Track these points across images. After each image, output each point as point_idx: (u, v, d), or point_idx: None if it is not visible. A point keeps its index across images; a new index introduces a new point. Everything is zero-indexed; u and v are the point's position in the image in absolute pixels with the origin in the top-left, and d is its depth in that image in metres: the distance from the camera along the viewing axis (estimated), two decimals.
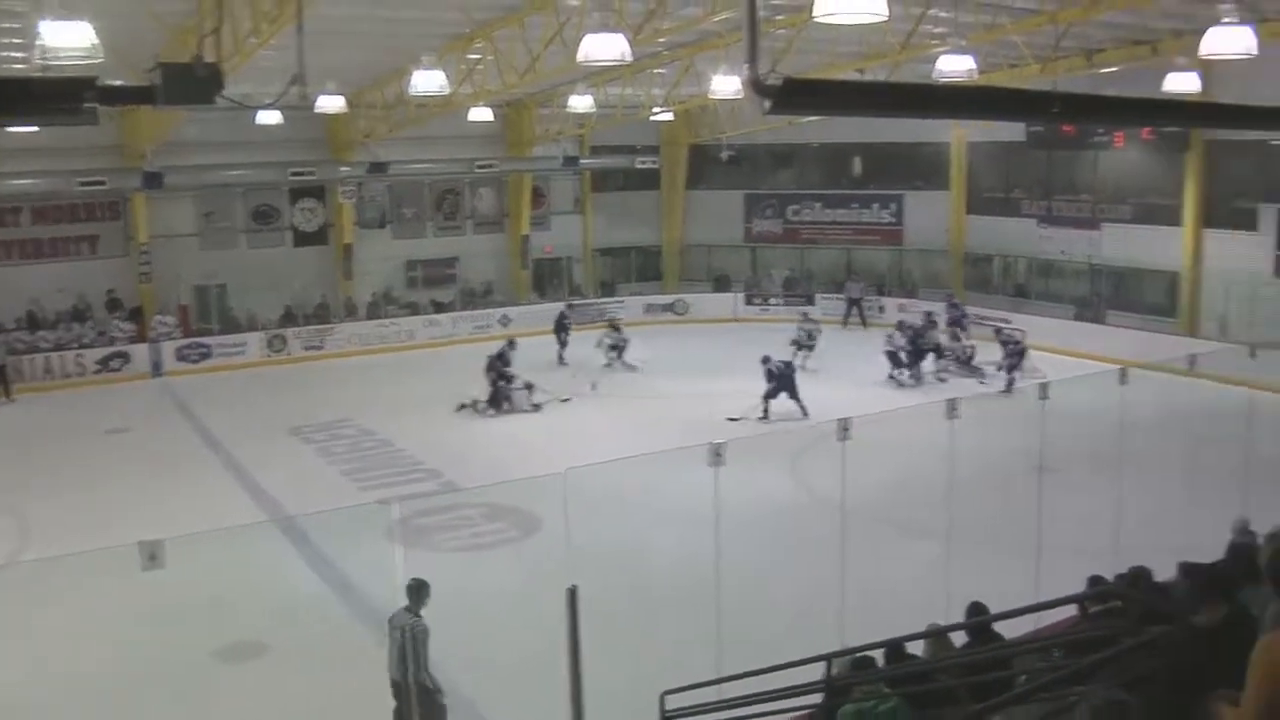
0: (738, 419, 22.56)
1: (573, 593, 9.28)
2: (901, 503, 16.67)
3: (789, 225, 38.63)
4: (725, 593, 10.60)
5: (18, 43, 18.70)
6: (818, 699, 7.97)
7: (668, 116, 33.79)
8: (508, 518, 17.30)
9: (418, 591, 10.26)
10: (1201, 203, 29.36)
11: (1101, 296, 31.88)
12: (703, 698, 8.75)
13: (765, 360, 23.60)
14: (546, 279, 37.97)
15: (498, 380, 24.76)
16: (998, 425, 17.99)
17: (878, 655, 8.10)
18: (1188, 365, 18.84)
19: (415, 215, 35.84)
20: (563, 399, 25.26)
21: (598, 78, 27.03)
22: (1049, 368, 24.60)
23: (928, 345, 27.68)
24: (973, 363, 27.40)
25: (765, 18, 19.38)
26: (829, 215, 38.05)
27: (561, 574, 9.39)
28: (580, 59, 16.10)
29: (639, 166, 37.02)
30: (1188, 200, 29.53)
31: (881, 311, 34.38)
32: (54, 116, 9.78)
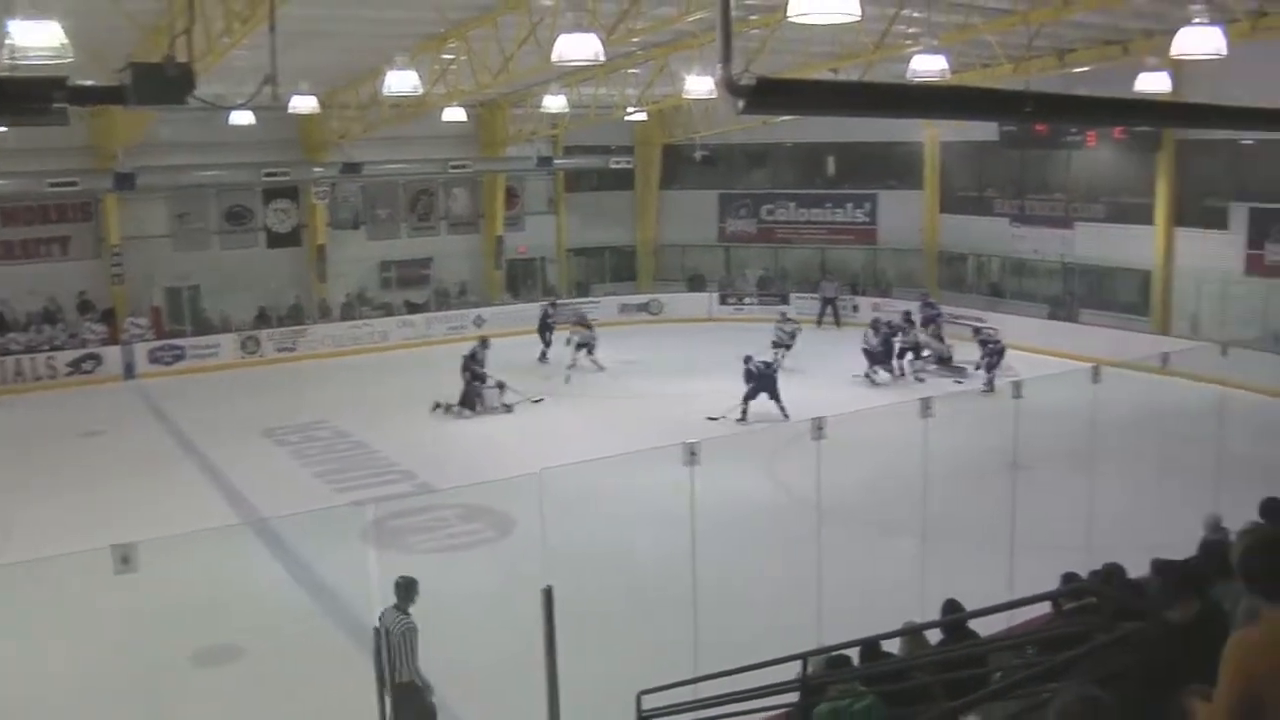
0: (717, 418, 22.59)
1: (548, 593, 9.26)
2: (877, 501, 16.71)
3: (763, 225, 38.69)
4: (701, 592, 10.61)
5: None
6: (794, 698, 7.98)
7: (641, 116, 33.72)
8: (483, 519, 17.28)
9: (406, 590, 10.26)
10: (1173, 202, 29.54)
11: (1074, 295, 32.03)
12: (679, 697, 8.75)
13: (747, 360, 23.58)
14: (520, 279, 37.92)
15: (471, 380, 24.73)
16: (972, 424, 18.08)
17: (853, 654, 8.12)
18: (1160, 363, 19.01)
19: (389, 216, 35.74)
20: (535, 400, 25.24)
21: (571, 78, 26.99)
22: (1023, 366, 24.75)
23: (907, 344, 27.79)
24: (953, 362, 27.50)
25: (739, 18, 19.41)
26: (803, 215, 38.12)
27: (537, 575, 9.37)
28: (554, 59, 16.07)
29: (613, 166, 36.92)
30: (1159, 199, 29.71)
31: (856, 310, 34.46)
32: (24, 117, 9.68)
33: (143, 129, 27.36)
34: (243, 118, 25.98)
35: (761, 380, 23.22)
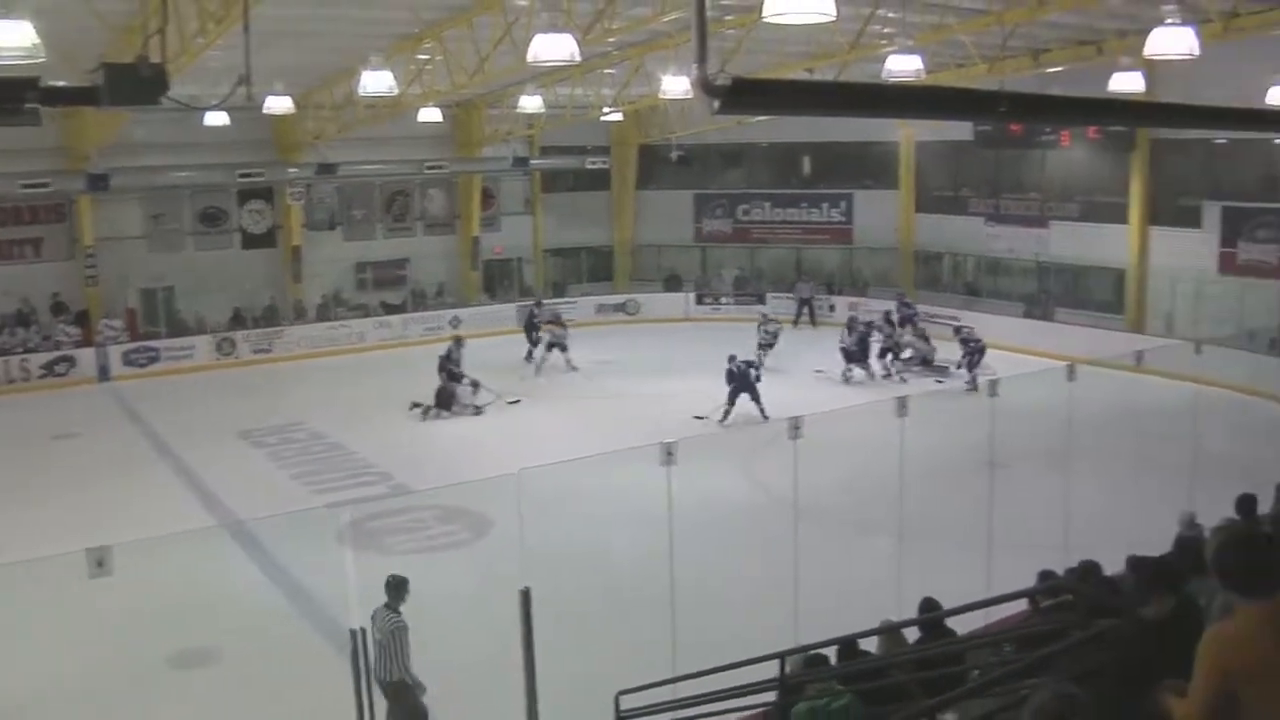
0: (703, 417, 22.58)
1: (526, 594, 9.26)
2: (854, 500, 16.74)
3: (739, 225, 38.72)
4: (679, 592, 10.60)
5: None
6: (772, 697, 7.99)
7: (617, 117, 33.78)
8: (460, 520, 17.24)
9: (397, 589, 10.27)
10: (1147, 201, 29.70)
11: (1050, 294, 32.19)
12: (658, 697, 8.74)
13: (731, 359, 23.52)
14: (497, 280, 37.86)
15: (448, 380, 24.67)
16: (949, 422, 18.11)
17: (831, 653, 8.13)
18: (1135, 361, 19.08)
19: (365, 217, 35.63)
20: (511, 400, 25.19)
21: (547, 78, 26.95)
22: (999, 365, 24.86)
23: (887, 344, 27.86)
24: (935, 362, 27.56)
25: (714, 18, 19.43)
26: (779, 214, 38.18)
27: (515, 575, 9.37)
28: (529, 59, 16.05)
29: (589, 167, 36.93)
30: (1133, 198, 29.87)
31: (833, 310, 34.53)
32: None
33: (116, 130, 27.16)
34: (217, 118, 25.81)
35: (740, 380, 23.18)
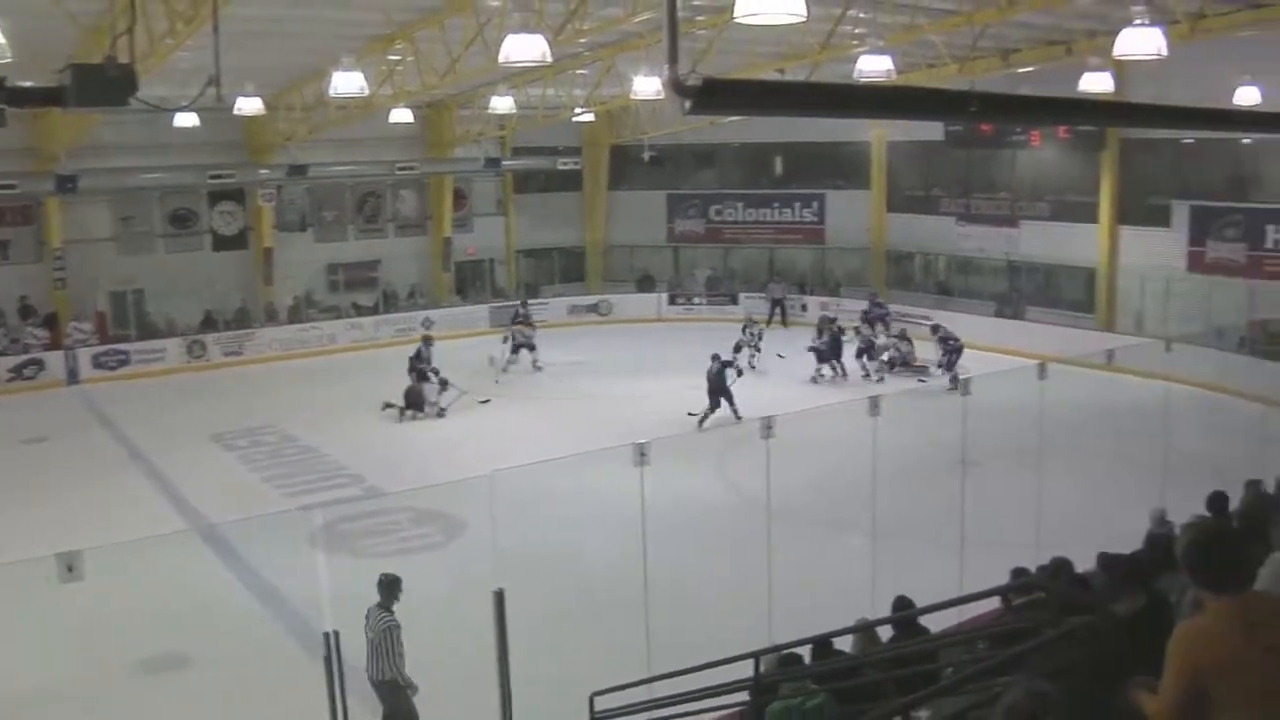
0: (698, 414, 22.60)
1: (499, 596, 9.24)
2: (827, 500, 16.77)
3: (711, 225, 38.75)
4: (653, 593, 10.61)
5: None
6: (746, 697, 8.00)
7: (589, 117, 33.73)
8: (433, 522, 17.19)
9: (389, 588, 10.29)
10: (1117, 200, 29.87)
11: (1021, 293, 32.35)
12: (632, 698, 8.74)
13: (714, 358, 23.45)
14: (469, 281, 37.78)
15: (419, 380, 24.61)
16: (921, 421, 18.19)
17: (805, 652, 8.15)
18: (1105, 360, 19.20)
19: (336, 218, 35.46)
20: (481, 400, 25.16)
21: (519, 79, 26.92)
22: (971, 364, 24.94)
23: (864, 345, 27.91)
24: (915, 363, 27.61)
25: (686, 18, 19.45)
26: (751, 215, 38.24)
27: (488, 577, 9.35)
28: (501, 60, 16.05)
29: (561, 167, 36.89)
30: (1103, 198, 30.04)
31: (805, 310, 34.58)
32: None
33: (85, 131, 26.97)
34: (187, 119, 25.63)
35: (715, 381, 23.07)
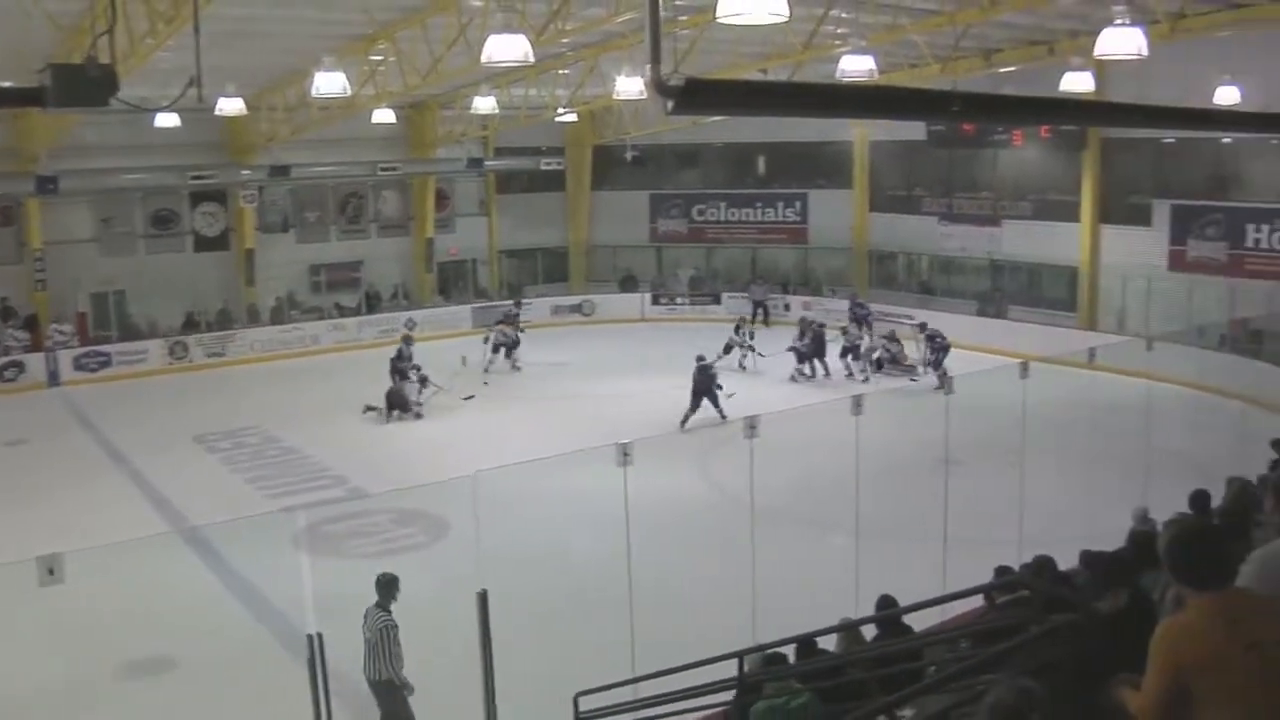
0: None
1: (483, 597, 9.23)
2: (811, 499, 16.79)
3: (694, 225, 38.76)
4: (637, 593, 10.60)
5: None
6: (731, 696, 8.00)
7: (572, 117, 33.72)
8: (417, 522, 17.16)
9: (387, 587, 10.26)
10: (1098, 199, 29.99)
11: (1003, 292, 32.44)
12: (617, 698, 8.73)
13: (700, 359, 23.35)
14: (452, 282, 37.73)
15: (400, 380, 24.56)
16: (904, 420, 18.22)
17: (790, 651, 8.15)
18: (1087, 358, 19.25)
19: (318, 219, 35.38)
20: (465, 396, 25.16)
21: (501, 79, 26.90)
22: (954, 363, 24.96)
23: (849, 344, 27.93)
24: (904, 362, 27.65)
25: (668, 18, 19.41)
26: (734, 214, 38.27)
27: (472, 577, 9.33)
28: (483, 60, 16.02)
29: (543, 168, 36.87)
30: (1085, 197, 30.15)
31: (788, 310, 34.61)
32: None
33: (66, 131, 26.84)
34: (168, 120, 25.50)
35: (702, 382, 23.05)
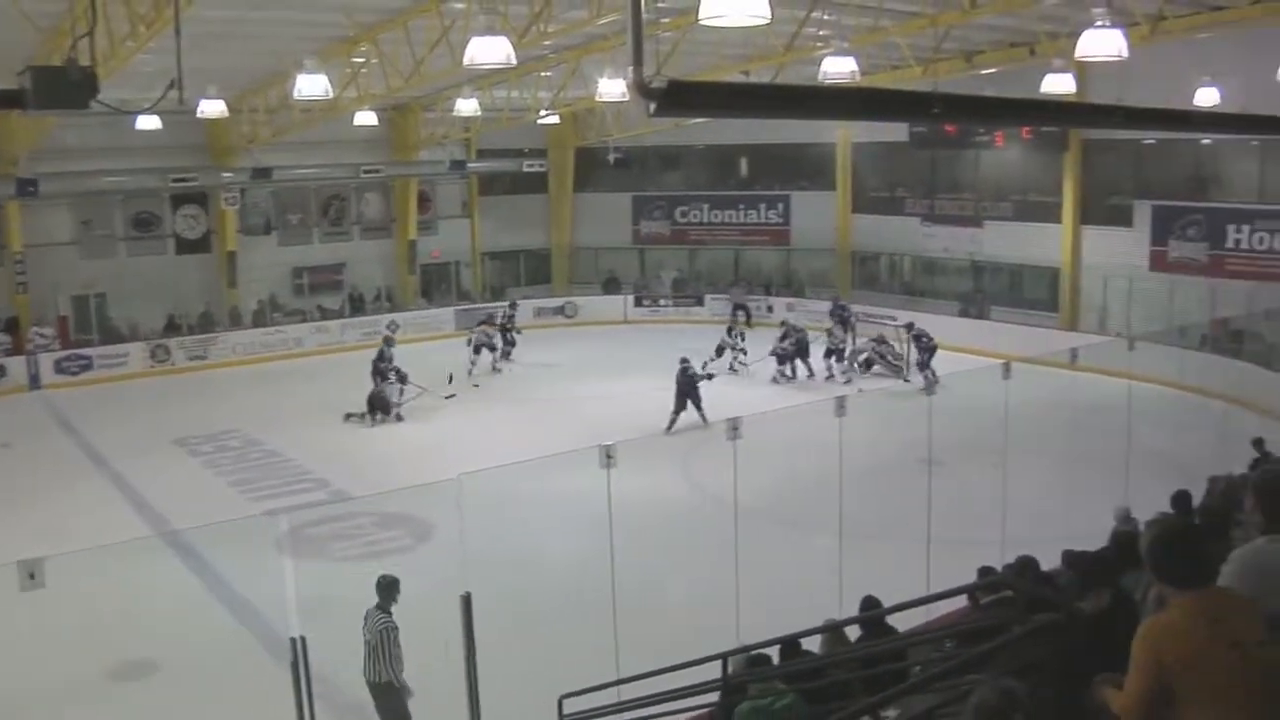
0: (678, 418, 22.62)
1: (466, 599, 9.22)
2: (794, 500, 16.80)
3: (677, 227, 38.79)
4: (622, 595, 10.60)
5: None
6: (715, 698, 8.01)
7: (554, 119, 33.72)
8: (401, 525, 17.12)
9: (387, 589, 10.26)
10: (1079, 200, 30.11)
11: (985, 293, 32.53)
12: (601, 700, 8.73)
13: (683, 361, 23.28)
14: (434, 284, 37.68)
15: (381, 383, 24.52)
16: (886, 421, 18.24)
17: (774, 652, 8.16)
18: (1069, 359, 19.31)
19: (301, 221, 35.26)
20: (447, 395, 25.14)
21: (483, 81, 26.84)
22: (936, 363, 25.02)
23: (833, 346, 27.96)
24: (895, 362, 27.67)
25: (650, 20, 19.45)
26: (717, 216, 38.30)
27: (456, 580, 9.32)
28: (466, 62, 16.00)
29: (526, 170, 36.87)
30: (1066, 198, 30.26)
31: (770, 311, 34.63)
32: None
33: (46, 134, 26.69)
34: (149, 122, 25.38)
35: (682, 385, 23.04)
